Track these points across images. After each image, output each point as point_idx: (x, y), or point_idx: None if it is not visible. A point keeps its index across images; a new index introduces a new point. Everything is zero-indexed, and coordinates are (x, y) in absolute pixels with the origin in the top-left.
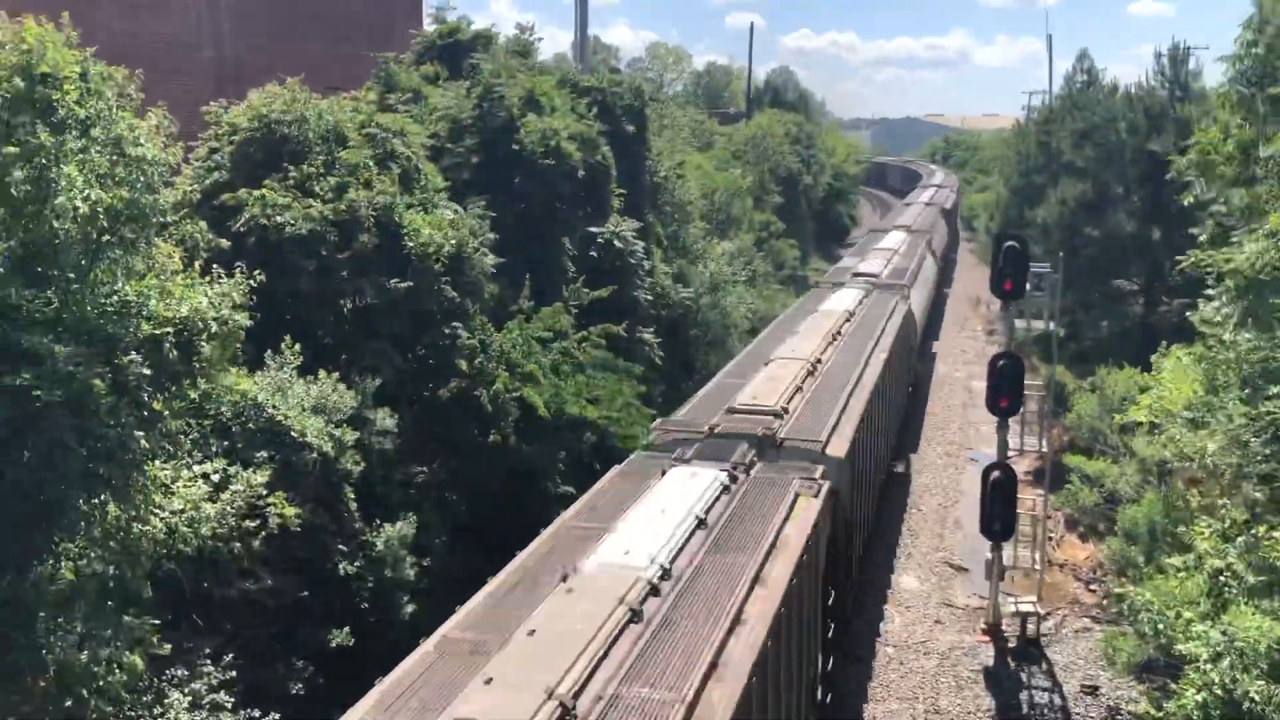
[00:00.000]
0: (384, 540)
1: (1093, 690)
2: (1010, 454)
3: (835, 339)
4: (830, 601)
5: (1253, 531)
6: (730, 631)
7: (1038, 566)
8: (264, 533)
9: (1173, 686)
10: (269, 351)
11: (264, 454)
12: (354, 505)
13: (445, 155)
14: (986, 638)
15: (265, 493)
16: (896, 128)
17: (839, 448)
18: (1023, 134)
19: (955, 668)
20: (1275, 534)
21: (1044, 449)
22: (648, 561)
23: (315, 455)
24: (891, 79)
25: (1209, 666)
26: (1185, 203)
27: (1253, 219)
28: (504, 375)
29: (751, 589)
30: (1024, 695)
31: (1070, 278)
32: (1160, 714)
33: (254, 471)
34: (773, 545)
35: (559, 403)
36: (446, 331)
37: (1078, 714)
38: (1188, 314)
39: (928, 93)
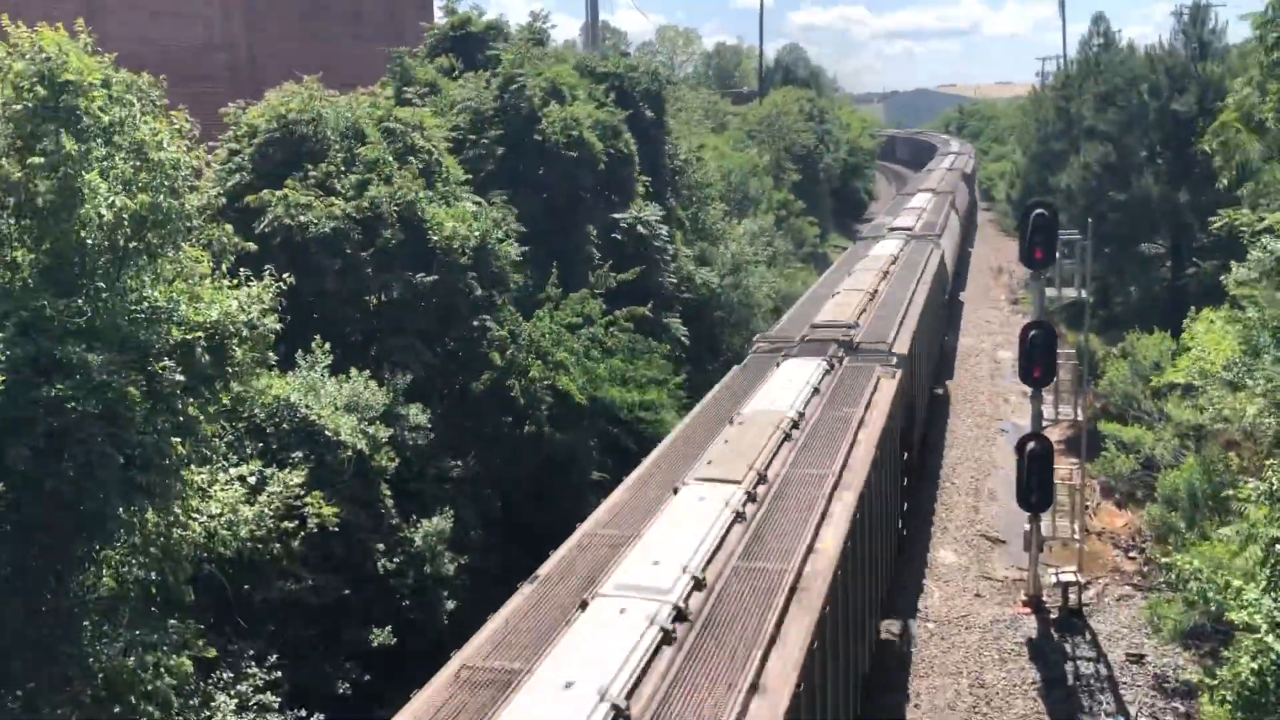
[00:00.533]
0: (421, 536)
1: (1138, 659)
2: (1044, 424)
3: (886, 275)
4: (905, 458)
5: None
6: (850, 449)
7: (1077, 536)
8: (303, 533)
9: (1225, 654)
10: (299, 351)
11: (299, 454)
12: (390, 502)
13: (467, 148)
14: (1028, 609)
15: (302, 493)
16: (908, 100)
17: (902, 347)
18: (1040, 101)
19: (998, 641)
20: None
21: (1078, 417)
22: (787, 407)
23: (350, 453)
24: (902, 51)
25: (1270, 637)
26: (1220, 185)
27: None
28: (537, 364)
29: (858, 430)
30: (1069, 666)
31: (1097, 244)
32: (1215, 682)
33: (290, 472)
34: (868, 404)
35: (593, 388)
36: (474, 324)
37: (1124, 683)
38: (1221, 277)
39: (939, 64)
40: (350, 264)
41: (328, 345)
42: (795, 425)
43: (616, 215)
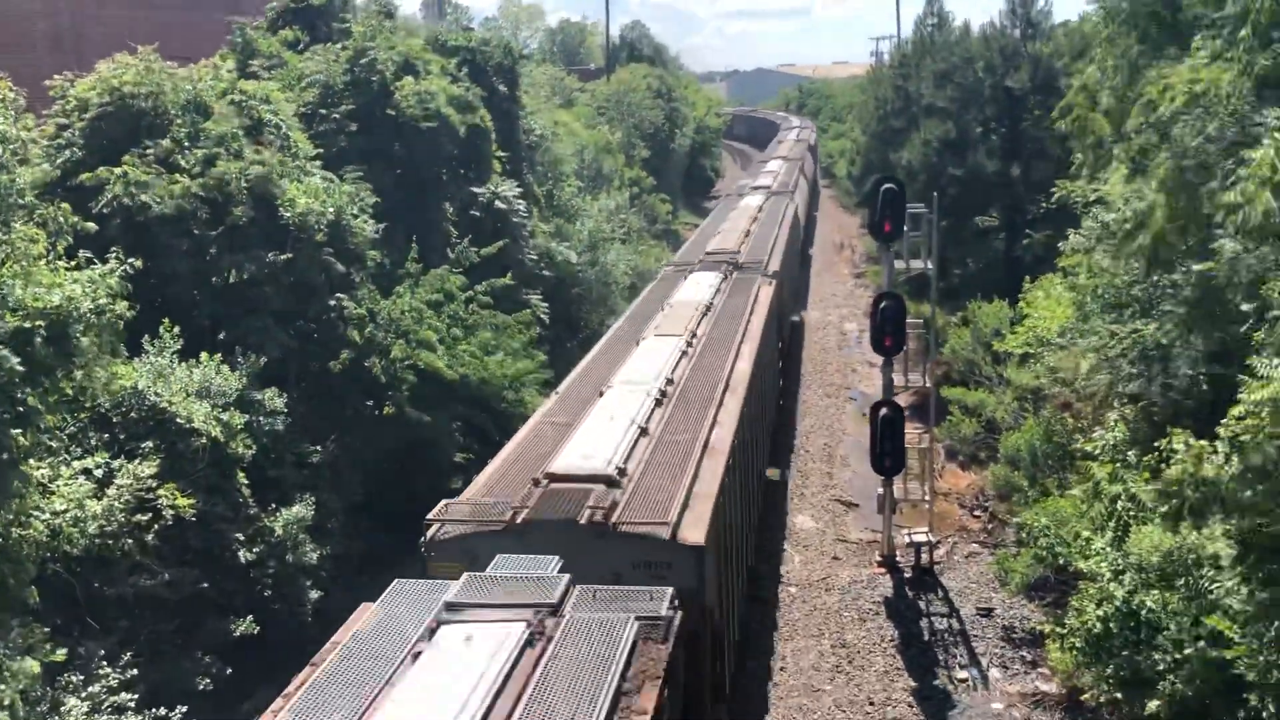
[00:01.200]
0: (282, 524)
1: (988, 612)
2: (894, 391)
3: (755, 219)
4: (780, 346)
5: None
6: (744, 336)
7: (927, 498)
8: (156, 526)
9: (1071, 603)
10: (145, 337)
11: (149, 444)
12: (248, 490)
13: (317, 122)
14: (883, 570)
15: (154, 484)
16: (749, 79)
17: (774, 266)
18: (878, 79)
19: (857, 601)
20: (1174, 461)
21: (926, 384)
22: (702, 298)
23: (204, 441)
24: (742, 31)
25: (1112, 585)
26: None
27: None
28: (399, 343)
29: (753, 311)
30: (924, 622)
31: (939, 217)
32: (1064, 630)
33: (140, 463)
34: (756, 298)
35: (457, 364)
36: (332, 303)
37: (975, 635)
38: (1060, 244)
39: (777, 43)
40: (198, 244)
41: (176, 329)
42: (709, 308)
43: (475, 190)
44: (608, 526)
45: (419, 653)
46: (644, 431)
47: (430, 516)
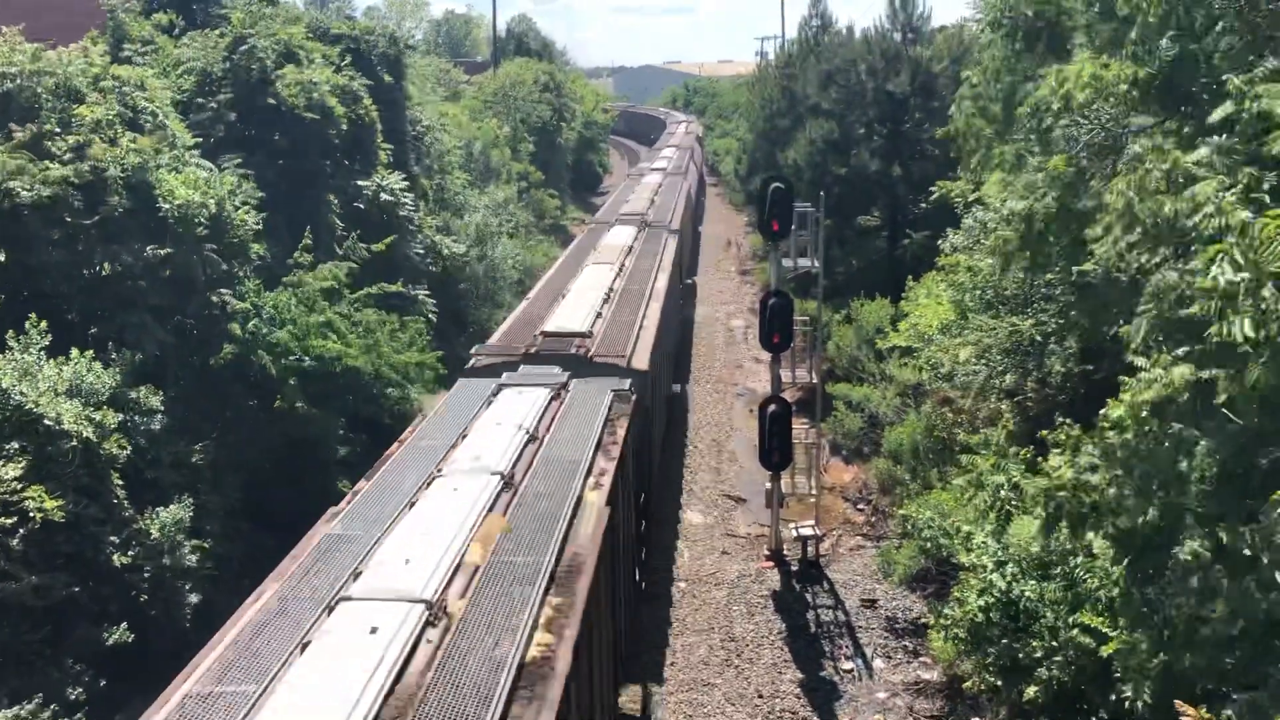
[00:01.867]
0: (159, 527)
1: (871, 603)
2: (781, 387)
3: (658, 189)
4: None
5: (1028, 446)
6: (659, 267)
7: (814, 492)
8: (22, 530)
9: (954, 594)
10: (10, 333)
11: (14, 445)
12: (122, 492)
13: (194, 111)
14: (770, 564)
15: (19, 486)
16: (636, 76)
17: (676, 224)
18: (764, 79)
19: (745, 595)
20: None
21: (812, 380)
22: (623, 243)
23: (75, 442)
24: (627, 27)
25: (994, 575)
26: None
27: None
28: (283, 333)
29: (663, 253)
30: (810, 614)
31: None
32: (947, 620)
33: (4, 465)
34: (664, 245)
35: (350, 353)
36: (214, 299)
37: (860, 626)
38: (939, 242)
39: (663, 40)
40: (70, 234)
41: (44, 324)
42: (630, 249)
43: (361, 183)
44: (589, 359)
45: (491, 401)
46: (599, 315)
47: (473, 352)
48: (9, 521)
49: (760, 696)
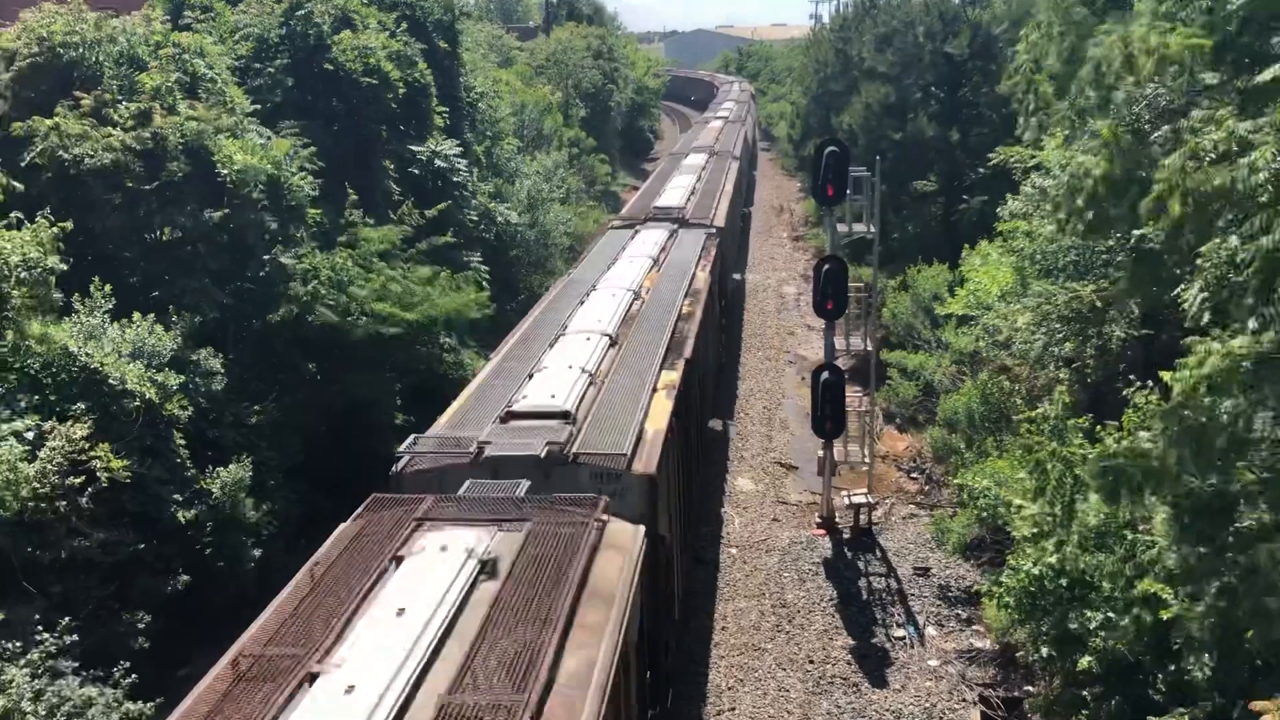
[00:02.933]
0: (220, 485)
1: (924, 571)
2: (835, 354)
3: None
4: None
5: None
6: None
7: (867, 460)
8: (90, 488)
9: (1009, 562)
10: (76, 296)
11: (81, 406)
12: (185, 452)
13: (251, 76)
14: (822, 531)
15: (87, 446)
16: (688, 40)
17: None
18: (819, 42)
19: (796, 562)
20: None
21: (867, 347)
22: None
23: (138, 403)
24: None
25: (1051, 548)
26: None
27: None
28: (349, 291)
29: (718, 202)
30: (862, 582)
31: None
32: (1000, 589)
33: (72, 425)
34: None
35: (409, 309)
36: (270, 261)
37: (912, 594)
38: (999, 209)
39: (716, 4)
40: (131, 199)
41: (109, 288)
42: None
43: (415, 148)
44: (686, 220)
45: (634, 236)
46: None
47: (615, 217)
48: (77, 481)
49: (811, 662)
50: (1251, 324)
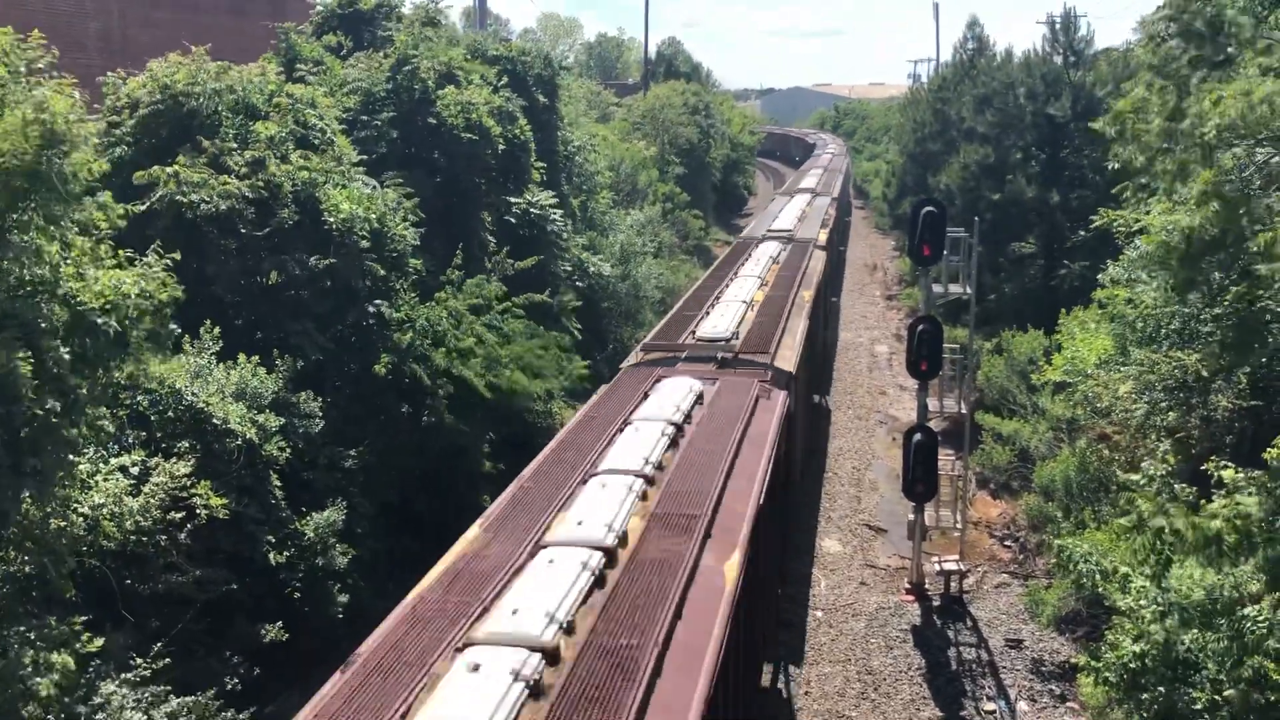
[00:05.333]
0: (313, 528)
1: (1017, 644)
2: (928, 416)
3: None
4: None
5: (1193, 486)
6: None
7: (959, 526)
8: (189, 525)
9: (1107, 637)
10: (186, 336)
11: (185, 443)
12: (280, 493)
13: (359, 129)
14: (911, 597)
15: (189, 482)
16: (784, 98)
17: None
18: (916, 101)
19: (884, 628)
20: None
21: (962, 410)
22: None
23: (239, 443)
24: (777, 48)
25: (1154, 625)
26: (1110, 167)
27: (1178, 180)
28: (440, 351)
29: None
30: (951, 651)
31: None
32: (1099, 664)
33: (176, 462)
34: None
35: (495, 374)
36: (371, 309)
37: (1004, 667)
38: (1099, 275)
39: (812, 61)
40: (243, 245)
41: (217, 330)
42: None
43: (513, 200)
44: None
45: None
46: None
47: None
48: (178, 516)
49: None
50: None
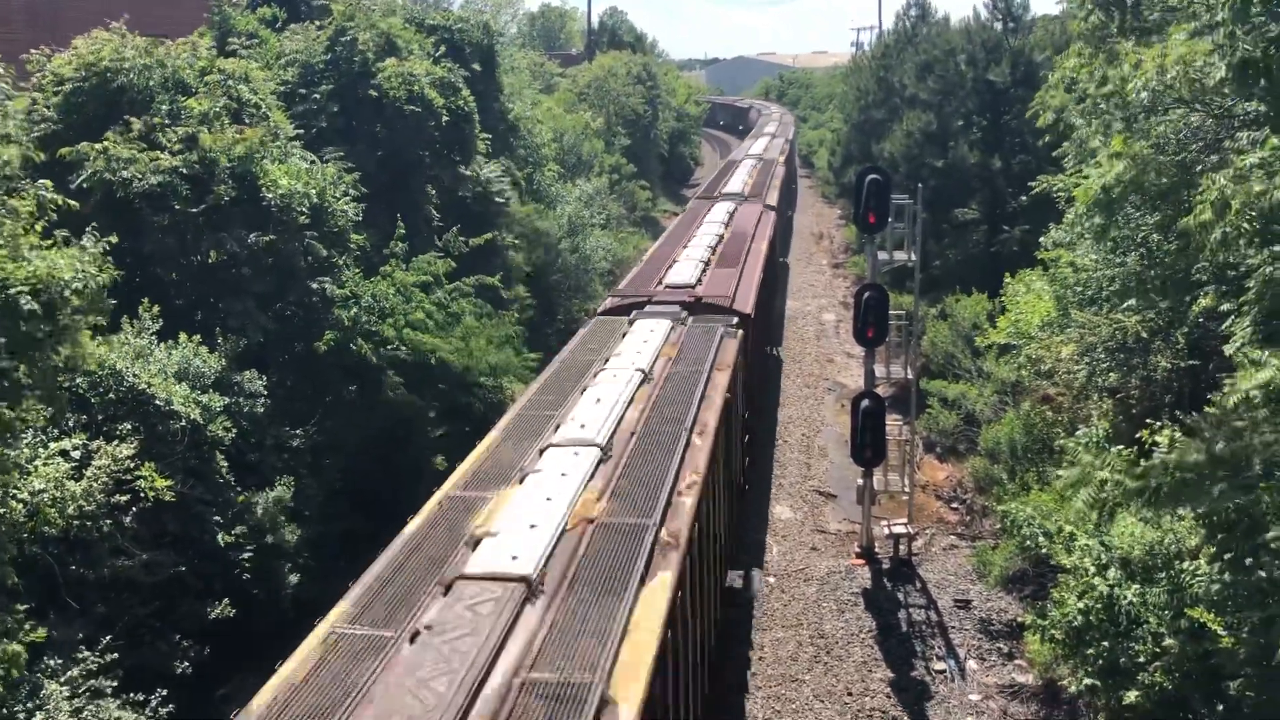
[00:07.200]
0: (261, 507)
1: (965, 604)
2: (875, 382)
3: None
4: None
5: (1134, 443)
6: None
7: (907, 489)
8: (135, 508)
9: (1053, 595)
10: (125, 317)
11: (127, 426)
12: (227, 473)
13: (297, 102)
14: (861, 561)
15: (133, 465)
16: (728, 68)
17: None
18: (860, 69)
19: (835, 592)
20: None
21: (907, 375)
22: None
23: (183, 423)
24: (721, 18)
25: (1096, 579)
26: (1041, 124)
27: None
28: (386, 324)
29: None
30: (902, 614)
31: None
32: (1045, 622)
33: (118, 444)
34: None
35: (444, 347)
36: (314, 286)
37: (953, 627)
38: (1041, 238)
39: (756, 32)
40: (178, 222)
41: (156, 309)
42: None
43: (462, 172)
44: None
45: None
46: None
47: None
48: (123, 499)
49: (849, 694)
50: None
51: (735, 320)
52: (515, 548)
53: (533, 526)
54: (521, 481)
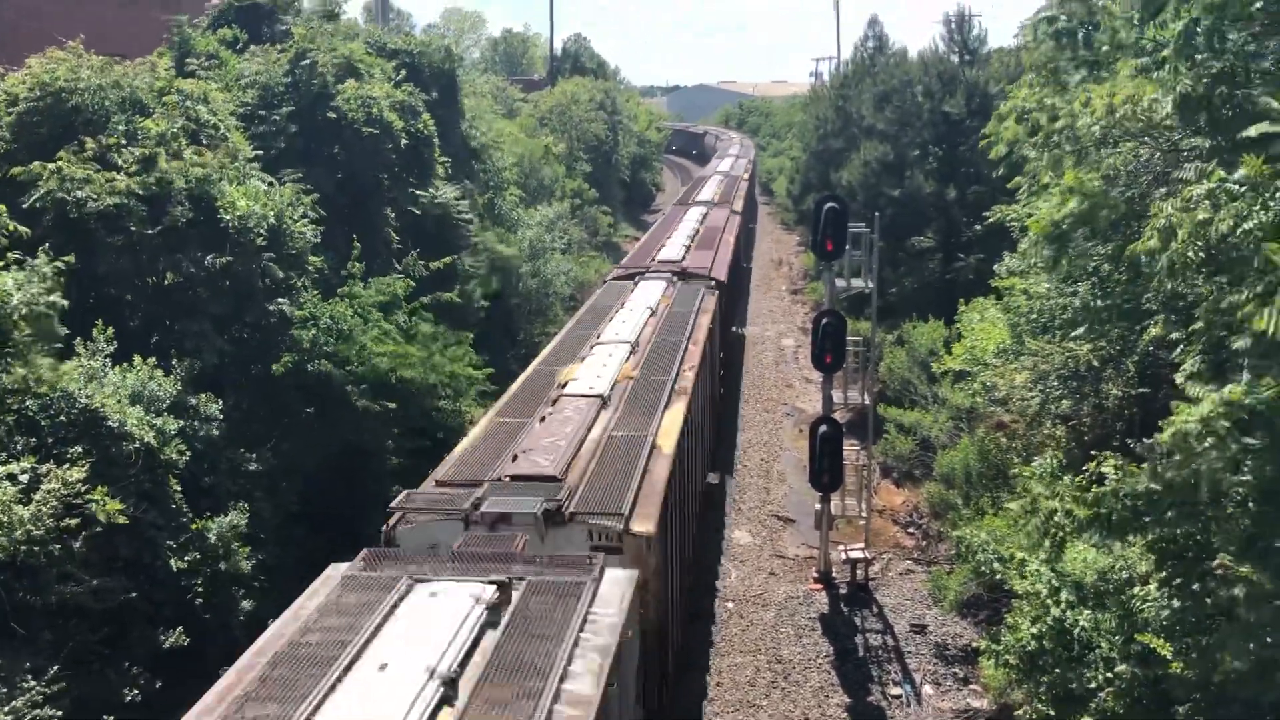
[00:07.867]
0: (215, 532)
1: (921, 629)
2: (833, 407)
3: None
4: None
5: (1081, 473)
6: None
7: (864, 514)
8: (85, 532)
9: (1007, 620)
10: (78, 339)
11: (78, 448)
12: (181, 498)
13: (256, 124)
14: (819, 586)
15: (84, 489)
16: (689, 95)
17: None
18: (818, 99)
19: (793, 617)
20: (1105, 473)
21: (865, 401)
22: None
23: (137, 446)
24: (683, 44)
25: (1050, 602)
26: (993, 157)
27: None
28: (343, 346)
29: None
30: (858, 639)
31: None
32: (999, 647)
33: (69, 468)
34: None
35: (403, 368)
36: (271, 308)
37: (909, 652)
38: (995, 266)
39: (717, 59)
40: (134, 243)
41: (111, 330)
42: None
43: (419, 193)
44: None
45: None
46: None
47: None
48: (73, 523)
49: None
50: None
51: (713, 283)
52: (592, 383)
53: (598, 376)
54: (583, 361)
